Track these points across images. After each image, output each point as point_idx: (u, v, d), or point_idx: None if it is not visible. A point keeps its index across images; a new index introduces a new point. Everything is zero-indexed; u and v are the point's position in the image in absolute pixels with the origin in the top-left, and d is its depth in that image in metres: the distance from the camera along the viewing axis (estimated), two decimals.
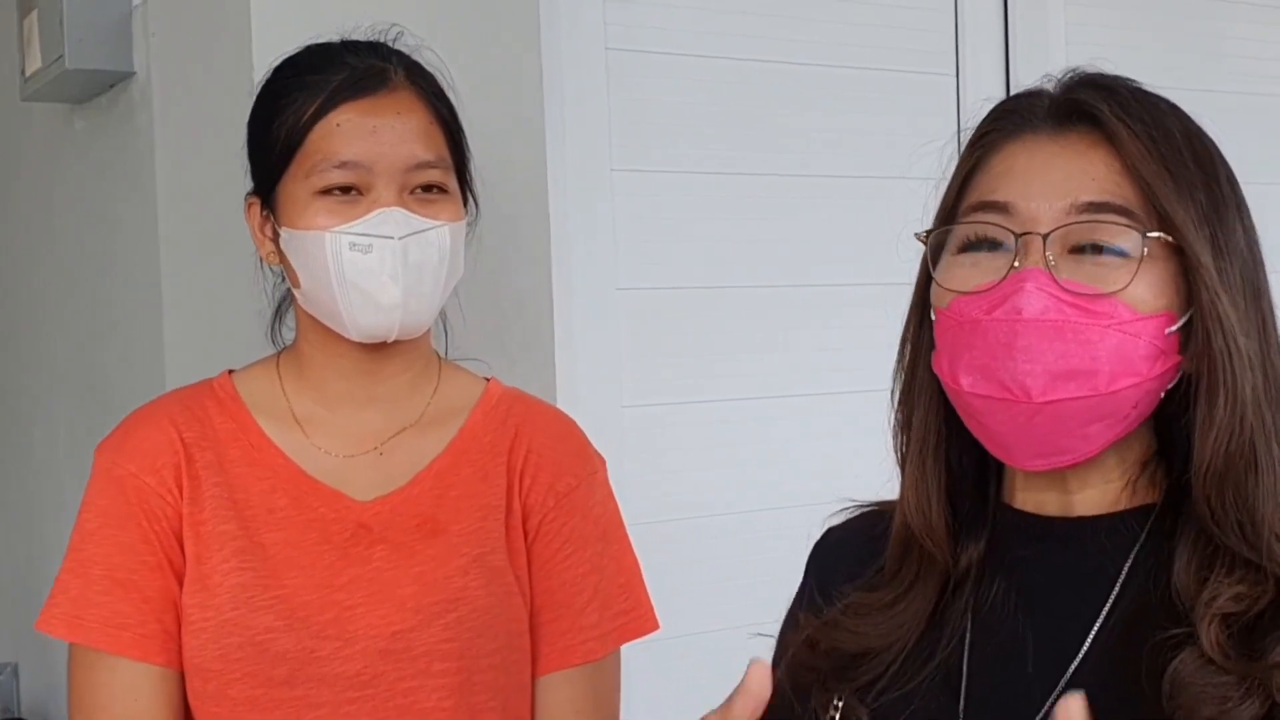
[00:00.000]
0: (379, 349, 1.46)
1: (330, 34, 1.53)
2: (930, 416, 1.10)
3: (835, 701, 1.09)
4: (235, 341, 1.67)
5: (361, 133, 1.40)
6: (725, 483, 2.37)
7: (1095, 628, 1.03)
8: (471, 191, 1.53)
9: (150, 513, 1.41)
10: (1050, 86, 1.08)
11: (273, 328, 1.58)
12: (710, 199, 2.36)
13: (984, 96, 2.55)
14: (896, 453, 1.14)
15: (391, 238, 1.39)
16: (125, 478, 1.42)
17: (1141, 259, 0.99)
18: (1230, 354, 0.99)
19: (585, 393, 2.19)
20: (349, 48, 1.47)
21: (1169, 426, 1.04)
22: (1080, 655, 1.03)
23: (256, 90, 1.49)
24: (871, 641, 1.09)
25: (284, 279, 1.50)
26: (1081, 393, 0.98)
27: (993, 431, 1.03)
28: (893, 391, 1.14)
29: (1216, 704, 0.92)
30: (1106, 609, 1.03)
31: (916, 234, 1.10)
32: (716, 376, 2.37)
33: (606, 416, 2.23)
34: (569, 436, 1.56)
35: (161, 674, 1.40)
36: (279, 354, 1.54)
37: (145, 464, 1.43)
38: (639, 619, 1.54)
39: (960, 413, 1.06)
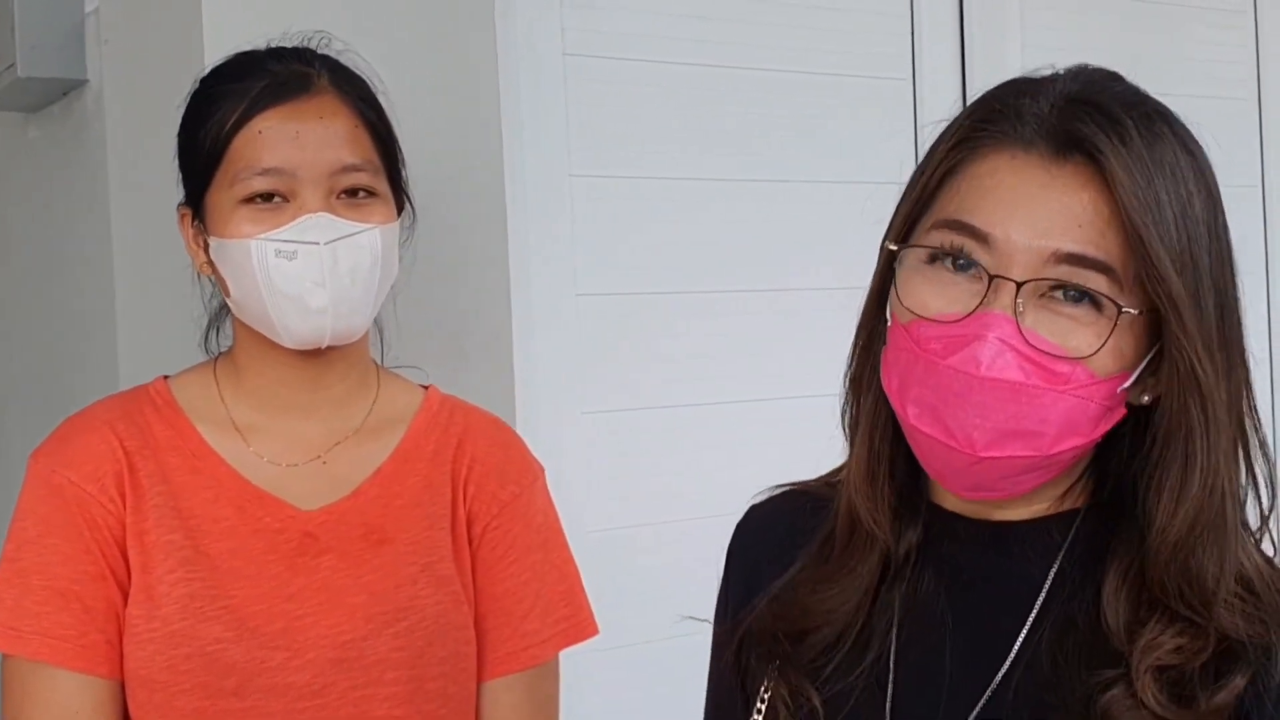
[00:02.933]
0: (316, 357, 1.46)
1: (283, 41, 1.52)
2: (880, 404, 1.07)
3: (765, 683, 1.10)
4: (189, 348, 1.65)
5: (284, 139, 1.39)
6: (685, 488, 2.37)
7: (1019, 641, 1.03)
8: (406, 194, 1.52)
9: (92, 522, 1.39)
10: (1051, 88, 1.00)
11: (207, 337, 1.57)
12: (668, 204, 2.36)
13: (940, 100, 2.58)
14: (845, 435, 1.12)
15: (317, 243, 1.38)
16: (65, 485, 1.40)
17: (1114, 328, 0.95)
18: (1208, 427, 0.96)
19: (544, 398, 2.19)
20: (273, 54, 1.46)
21: (1104, 443, 1.02)
22: (1004, 669, 1.02)
23: (185, 100, 1.48)
24: (816, 619, 1.09)
25: (217, 289, 1.50)
26: (1025, 452, 0.97)
27: (929, 463, 1.02)
28: (845, 373, 1.11)
29: None
30: (1031, 620, 1.03)
31: (888, 245, 1.04)
32: (676, 381, 2.37)
33: (565, 422, 2.23)
34: (510, 445, 1.57)
35: (103, 685, 1.38)
36: (215, 360, 1.53)
37: (86, 472, 1.40)
38: (579, 624, 1.56)
39: (901, 426, 1.04)
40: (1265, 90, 3.11)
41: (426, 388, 1.58)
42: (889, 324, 1.03)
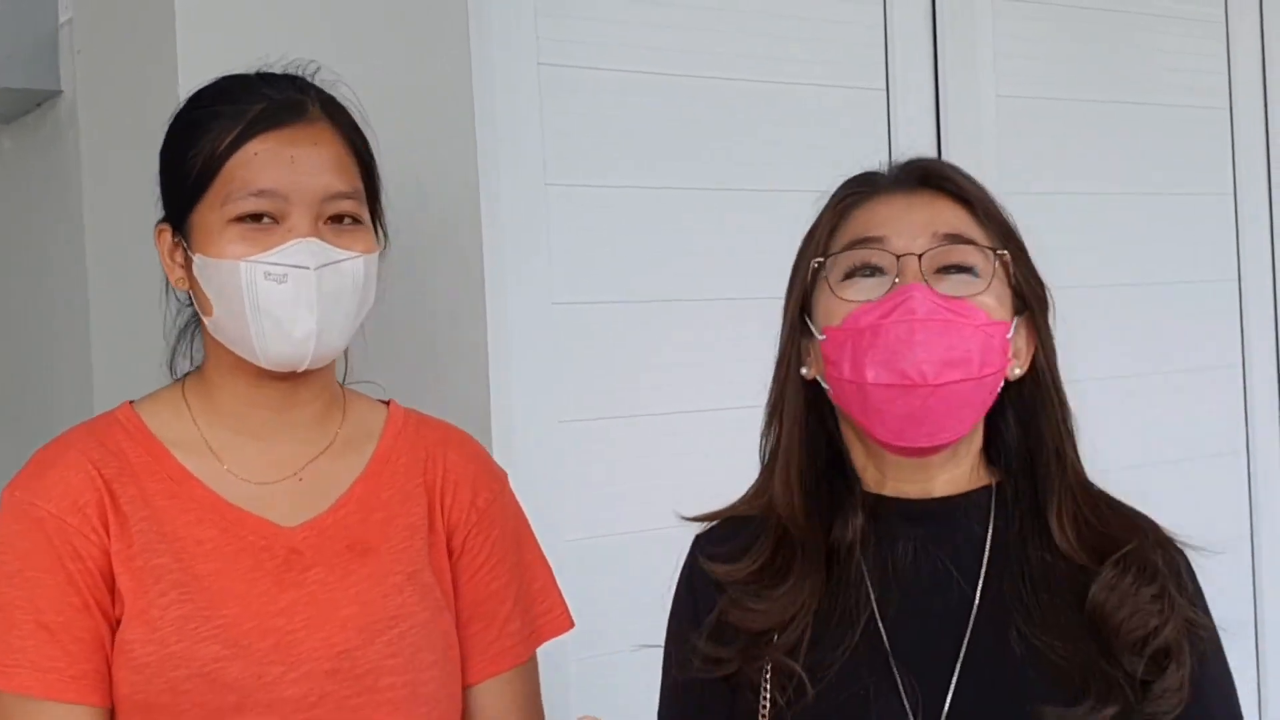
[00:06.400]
0: (290, 378, 1.47)
1: (256, 51, 1.52)
2: (798, 420, 1.37)
3: (765, 667, 1.32)
4: (164, 366, 1.65)
5: (279, 162, 1.41)
6: (662, 496, 2.36)
7: (980, 583, 1.32)
8: (381, 224, 1.53)
9: (74, 553, 1.38)
10: (889, 168, 1.38)
11: (173, 360, 1.56)
12: (644, 213, 2.36)
13: (914, 109, 2.59)
14: (762, 453, 1.43)
15: (307, 268, 1.39)
16: (46, 518, 1.39)
17: (992, 276, 1.31)
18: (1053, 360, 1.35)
19: (521, 408, 2.19)
20: (265, 79, 1.48)
21: (991, 427, 1.37)
22: (975, 603, 1.31)
23: (170, 119, 1.48)
24: (774, 618, 1.33)
25: (190, 303, 1.50)
26: (962, 376, 1.26)
27: (888, 417, 1.28)
28: (767, 405, 1.40)
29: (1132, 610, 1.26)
30: (984, 568, 1.33)
31: (813, 262, 1.36)
32: (653, 390, 2.37)
33: (543, 432, 2.23)
34: (478, 455, 1.62)
35: (96, 714, 1.38)
36: (183, 382, 1.53)
37: (66, 504, 1.39)
38: (556, 619, 1.62)
39: (856, 410, 1.31)
40: (1236, 97, 3.13)
41: (387, 403, 1.60)
42: (821, 338, 1.32)
